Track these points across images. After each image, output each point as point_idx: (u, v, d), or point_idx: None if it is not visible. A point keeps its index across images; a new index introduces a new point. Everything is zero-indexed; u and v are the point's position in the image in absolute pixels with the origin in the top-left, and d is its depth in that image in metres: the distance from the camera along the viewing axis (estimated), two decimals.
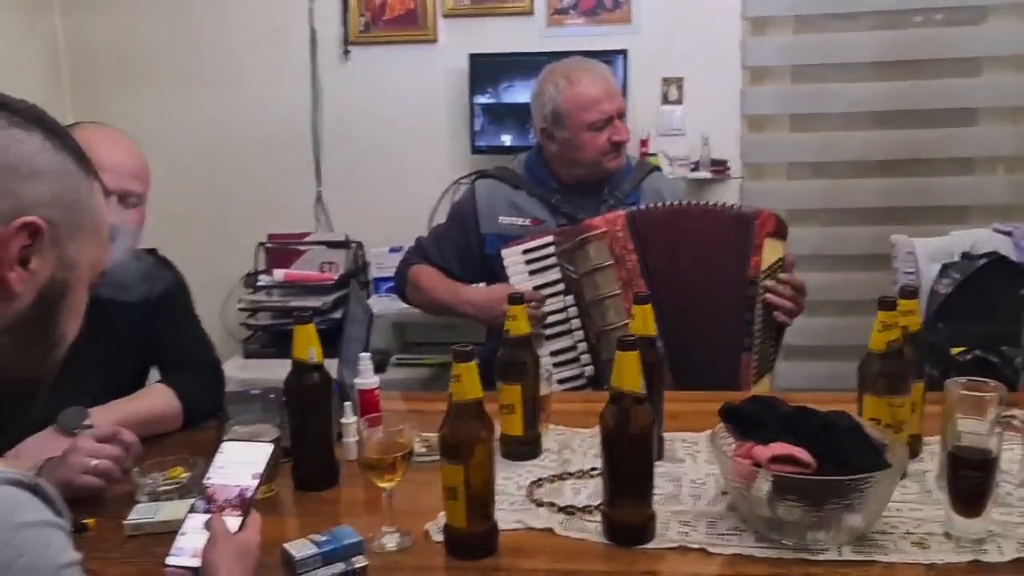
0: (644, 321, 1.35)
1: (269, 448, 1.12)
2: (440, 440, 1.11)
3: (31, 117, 0.72)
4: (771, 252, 1.85)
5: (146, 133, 3.23)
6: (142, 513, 1.23)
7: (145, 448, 1.46)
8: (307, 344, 1.33)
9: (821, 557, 1.08)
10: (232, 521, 1.03)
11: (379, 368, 2.83)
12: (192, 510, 1.08)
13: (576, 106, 1.98)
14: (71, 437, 1.40)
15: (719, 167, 2.97)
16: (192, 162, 3.29)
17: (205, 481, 1.10)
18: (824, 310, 3.00)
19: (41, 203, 0.70)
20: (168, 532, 1.13)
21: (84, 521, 1.22)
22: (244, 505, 1.05)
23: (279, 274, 3.07)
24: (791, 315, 1.85)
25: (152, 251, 1.73)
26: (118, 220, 1.46)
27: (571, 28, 3.04)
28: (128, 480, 1.32)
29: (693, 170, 2.96)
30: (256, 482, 1.08)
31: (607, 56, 2.89)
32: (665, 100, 3.04)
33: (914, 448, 1.34)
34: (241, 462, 1.11)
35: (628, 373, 1.09)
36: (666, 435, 1.45)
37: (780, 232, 1.88)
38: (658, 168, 2.36)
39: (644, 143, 2.98)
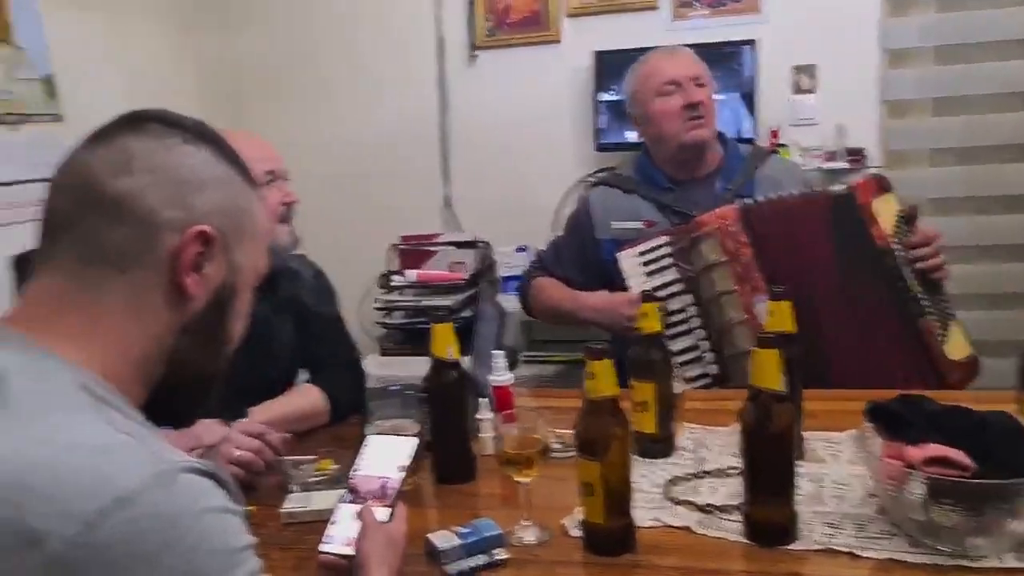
0: (781, 317, 1.32)
1: (414, 442, 1.16)
2: (576, 436, 1.12)
3: (199, 133, 0.79)
4: (887, 212, 1.78)
5: (285, 143, 3.37)
6: (296, 502, 1.30)
7: (296, 442, 1.55)
8: (445, 342, 1.37)
9: (981, 564, 1.03)
10: (381, 512, 1.07)
11: (509, 365, 2.91)
12: (340, 501, 1.13)
13: (641, 79, 2.00)
14: (223, 426, 1.50)
15: (856, 156, 2.85)
16: (328, 169, 3.44)
17: (352, 473, 1.15)
18: (972, 303, 2.83)
19: (211, 212, 0.76)
20: (319, 521, 1.19)
21: (247, 508, 1.30)
22: (389, 496, 1.09)
23: (412, 274, 3.17)
24: (942, 268, 1.78)
25: (300, 256, 1.83)
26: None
27: (697, 20, 2.99)
28: (274, 473, 1.40)
29: (828, 160, 2.86)
30: (402, 474, 1.12)
31: (735, 47, 2.83)
32: (797, 89, 2.95)
33: None
34: (386, 455, 1.16)
35: (768, 371, 1.07)
36: (805, 434, 1.42)
37: (883, 188, 1.80)
38: (775, 152, 2.28)
39: (774, 134, 2.90)
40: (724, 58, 2.80)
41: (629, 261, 1.93)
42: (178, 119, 0.78)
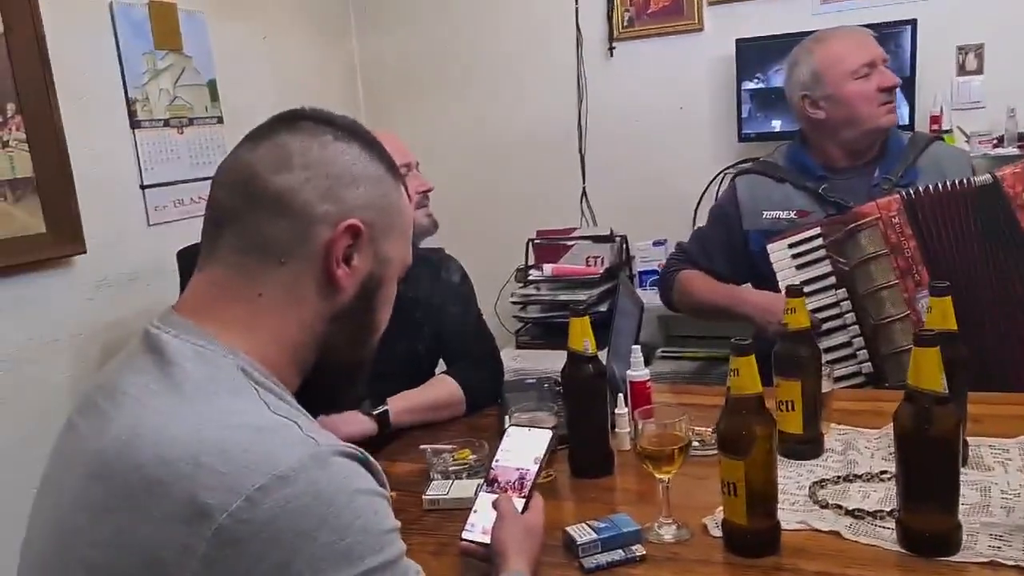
0: (943, 314, 1.23)
1: (549, 434, 1.17)
2: (718, 434, 1.09)
3: (350, 131, 0.82)
4: None
5: (427, 141, 3.54)
6: (437, 490, 1.33)
7: (435, 432, 1.59)
8: (582, 336, 1.37)
9: None
10: (516, 502, 1.09)
11: (645, 361, 2.87)
12: (480, 490, 1.16)
13: (832, 60, 1.89)
14: (366, 416, 1.56)
15: None
16: (468, 165, 3.51)
17: (493, 463, 1.17)
18: None
19: (361, 206, 0.79)
20: (459, 508, 1.23)
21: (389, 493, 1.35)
22: (526, 487, 1.11)
23: (547, 269, 3.18)
24: None
25: (439, 249, 1.87)
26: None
27: (849, 1, 2.83)
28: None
29: (996, 146, 2.65)
30: (537, 466, 1.13)
31: (891, 28, 2.67)
32: (961, 70, 2.75)
33: None
34: (524, 447, 1.17)
35: (927, 371, 1.00)
36: (970, 439, 1.33)
37: None
38: (939, 138, 2.13)
39: (936, 119, 2.71)
40: (880, 40, 2.63)
41: (779, 253, 1.87)
42: (329, 117, 0.82)
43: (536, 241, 3.34)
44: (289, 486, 0.64)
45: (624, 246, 3.27)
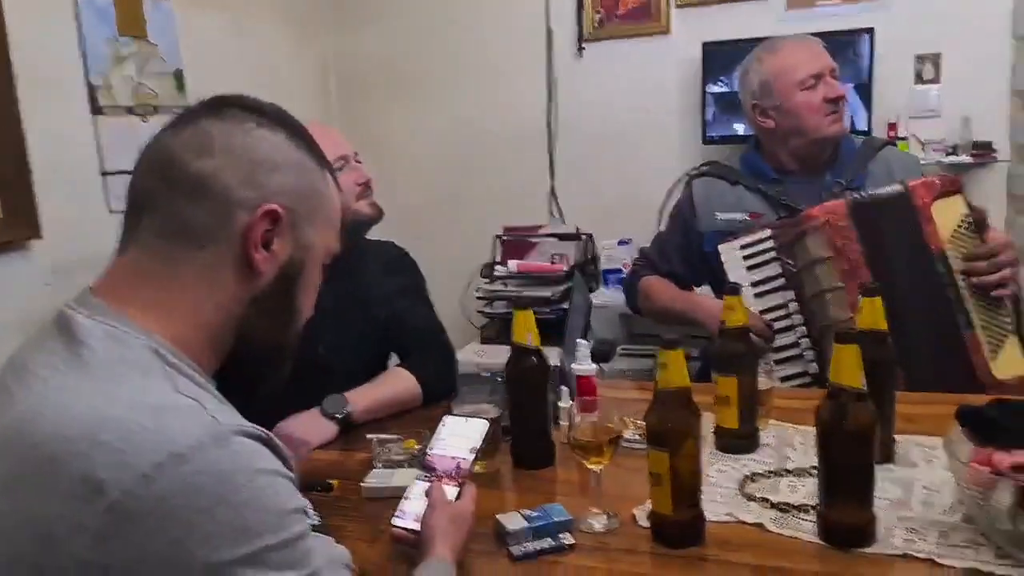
0: (872, 314, 1.27)
1: (485, 424, 1.19)
2: (646, 427, 1.11)
3: (276, 118, 0.83)
4: (948, 214, 1.71)
5: (400, 137, 3.56)
6: (377, 478, 1.35)
7: (388, 423, 1.61)
8: (525, 329, 1.39)
9: None
10: (450, 490, 1.10)
11: (605, 357, 2.90)
12: (416, 478, 1.17)
13: (780, 70, 1.92)
14: (332, 421, 1.58)
15: (982, 151, 2.68)
16: (440, 161, 3.53)
17: (428, 451, 1.19)
18: None
19: (282, 192, 0.81)
20: (397, 497, 1.24)
21: (330, 481, 1.36)
22: (461, 476, 1.12)
23: (513, 265, 3.21)
24: (1004, 283, 1.69)
25: (390, 243, 1.88)
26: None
27: (812, 9, 2.88)
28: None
29: (950, 154, 2.70)
30: (472, 455, 1.15)
31: (851, 36, 2.72)
32: (919, 79, 2.80)
33: None
34: (460, 436, 1.19)
35: (846, 367, 1.03)
36: (900, 438, 1.36)
37: (950, 191, 1.73)
38: (891, 143, 2.18)
39: (892, 127, 2.77)
40: (839, 47, 2.68)
41: (730, 254, 1.90)
42: (256, 104, 0.83)
43: (503, 237, 3.37)
44: (186, 464, 0.65)
45: (590, 244, 3.31)
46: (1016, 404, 1.11)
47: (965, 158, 2.69)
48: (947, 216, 1.73)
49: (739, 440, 1.39)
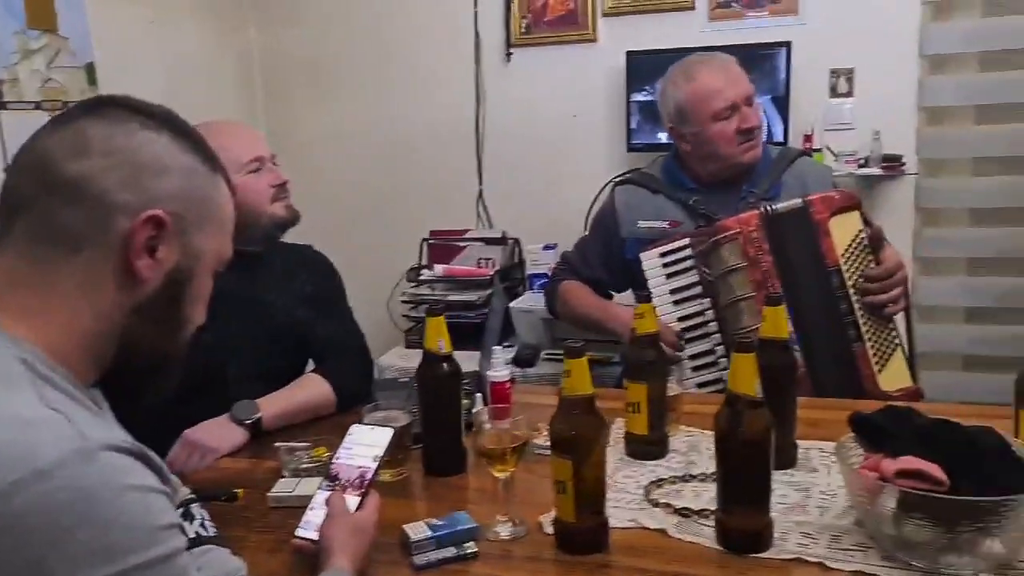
0: (775, 323, 1.30)
1: (390, 432, 1.18)
2: (550, 435, 1.12)
3: (162, 120, 0.81)
4: (844, 230, 1.79)
5: (327, 137, 3.51)
6: (283, 488, 1.33)
7: (301, 430, 1.58)
8: (436, 335, 1.38)
9: None
10: (351, 500, 1.09)
11: (529, 362, 2.91)
12: (320, 487, 1.16)
13: (697, 98, 1.94)
14: (242, 427, 1.54)
15: (892, 163, 2.78)
16: (367, 161, 3.50)
17: (333, 461, 1.18)
18: (1011, 317, 2.75)
19: (167, 197, 0.78)
20: (303, 506, 1.22)
21: (234, 491, 1.33)
22: (364, 485, 1.11)
23: (439, 269, 3.20)
24: (894, 302, 1.78)
25: (308, 246, 1.86)
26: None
27: (733, 21, 2.94)
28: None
29: (862, 166, 2.79)
30: (376, 464, 1.14)
31: (769, 49, 2.79)
32: (833, 93, 2.89)
33: None
34: (366, 444, 1.18)
35: (742, 375, 1.06)
36: (802, 443, 1.40)
37: (847, 206, 1.81)
38: (806, 153, 2.24)
39: (808, 138, 2.85)
40: (758, 60, 2.76)
41: (651, 261, 1.93)
42: (140, 105, 0.81)
43: (430, 241, 3.35)
44: (47, 481, 0.63)
45: (517, 249, 3.32)
46: (904, 411, 1.15)
47: (876, 170, 2.78)
48: (844, 231, 1.79)
49: (648, 446, 1.42)
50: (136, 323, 0.78)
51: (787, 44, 2.79)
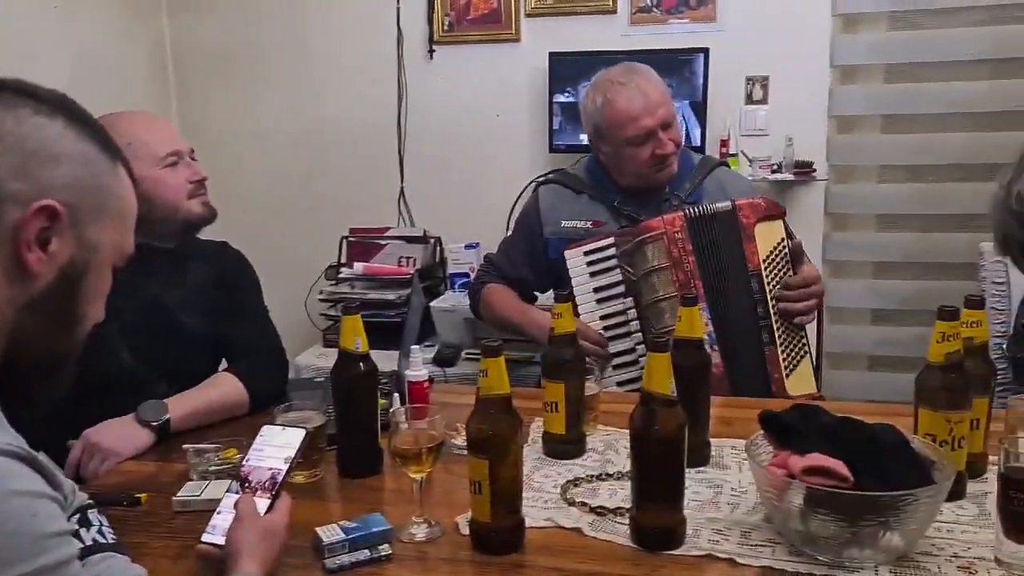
0: (690, 323, 1.32)
1: (303, 433, 1.15)
2: (466, 434, 1.11)
3: (56, 106, 0.76)
4: (768, 237, 1.85)
5: (243, 129, 3.42)
6: (190, 491, 1.28)
7: (212, 431, 1.53)
8: (353, 334, 1.36)
9: (857, 575, 1.04)
10: (261, 502, 1.06)
11: (450, 362, 2.90)
12: (229, 490, 1.12)
13: (613, 123, 1.94)
14: (148, 428, 1.48)
15: (804, 169, 2.87)
16: (284, 157, 3.43)
17: (244, 463, 1.14)
18: (915, 319, 2.87)
19: (61, 187, 0.74)
20: (211, 510, 1.18)
21: (137, 496, 1.28)
22: (275, 487, 1.08)
23: (359, 267, 3.15)
24: (806, 313, 1.85)
25: (223, 243, 1.80)
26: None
27: (653, 26, 2.99)
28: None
29: (775, 172, 2.88)
30: (287, 465, 1.11)
31: (688, 54, 2.85)
32: (749, 99, 2.97)
33: (978, 468, 1.27)
34: (277, 446, 1.15)
35: (657, 375, 1.07)
36: (716, 441, 1.43)
37: (772, 214, 1.86)
38: (725, 163, 2.29)
39: (724, 143, 2.91)
40: (677, 65, 2.82)
41: (575, 260, 1.94)
42: (33, 89, 0.76)
43: (350, 239, 3.30)
44: None
45: (438, 248, 3.30)
46: (812, 409, 1.18)
47: (788, 176, 2.86)
48: (767, 238, 1.84)
49: (566, 445, 1.42)
50: (27, 320, 0.74)
51: (705, 50, 2.85)
